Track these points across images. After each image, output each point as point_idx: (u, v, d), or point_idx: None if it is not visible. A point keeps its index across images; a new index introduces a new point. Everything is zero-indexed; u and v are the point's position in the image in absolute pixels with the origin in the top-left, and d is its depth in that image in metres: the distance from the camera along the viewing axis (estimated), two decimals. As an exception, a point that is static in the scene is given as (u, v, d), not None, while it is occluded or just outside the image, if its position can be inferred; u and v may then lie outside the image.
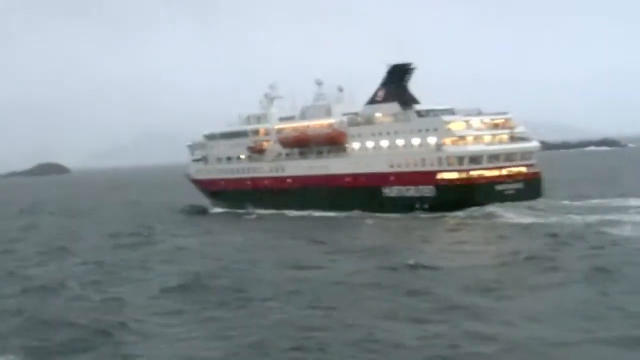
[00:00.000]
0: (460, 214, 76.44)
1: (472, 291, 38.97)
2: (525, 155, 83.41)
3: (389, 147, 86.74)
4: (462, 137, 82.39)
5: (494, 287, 39.72)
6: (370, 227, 75.39)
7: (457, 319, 33.01)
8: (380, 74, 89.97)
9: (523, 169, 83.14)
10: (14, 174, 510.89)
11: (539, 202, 78.75)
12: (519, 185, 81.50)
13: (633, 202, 75.33)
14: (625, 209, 70.69)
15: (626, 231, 56.91)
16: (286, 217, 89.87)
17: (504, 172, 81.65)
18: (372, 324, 32.80)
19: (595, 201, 79.80)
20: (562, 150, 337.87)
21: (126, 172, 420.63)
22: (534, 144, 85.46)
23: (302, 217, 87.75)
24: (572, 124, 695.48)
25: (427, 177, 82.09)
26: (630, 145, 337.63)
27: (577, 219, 66.69)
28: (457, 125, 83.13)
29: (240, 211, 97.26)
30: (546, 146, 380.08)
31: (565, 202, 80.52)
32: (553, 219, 68.16)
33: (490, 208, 76.26)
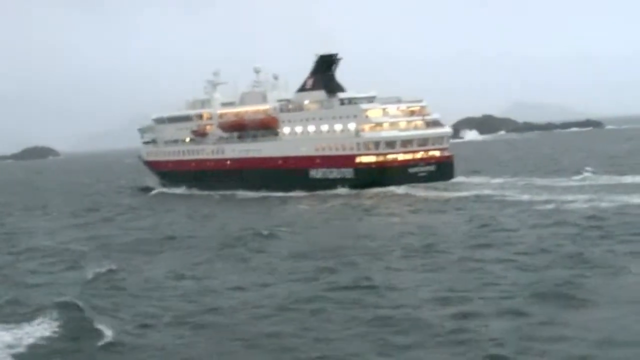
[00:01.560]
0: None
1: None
2: (437, 140, 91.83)
3: (315, 132, 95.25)
4: (379, 124, 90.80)
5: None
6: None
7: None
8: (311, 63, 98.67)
9: (436, 153, 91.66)
10: (2, 157, 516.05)
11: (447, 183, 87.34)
12: (431, 168, 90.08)
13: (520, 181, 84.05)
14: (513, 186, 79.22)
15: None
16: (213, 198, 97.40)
17: (418, 155, 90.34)
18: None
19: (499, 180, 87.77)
20: (544, 132, 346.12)
21: (117, 154, 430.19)
22: (446, 129, 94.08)
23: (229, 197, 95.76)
24: (567, 105, 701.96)
25: (347, 160, 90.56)
26: (608, 127, 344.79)
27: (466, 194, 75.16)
28: (374, 112, 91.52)
29: (179, 191, 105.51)
30: (530, 127, 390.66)
31: (476, 180, 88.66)
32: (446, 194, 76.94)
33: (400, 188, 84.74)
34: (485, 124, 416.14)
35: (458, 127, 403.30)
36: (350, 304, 32.62)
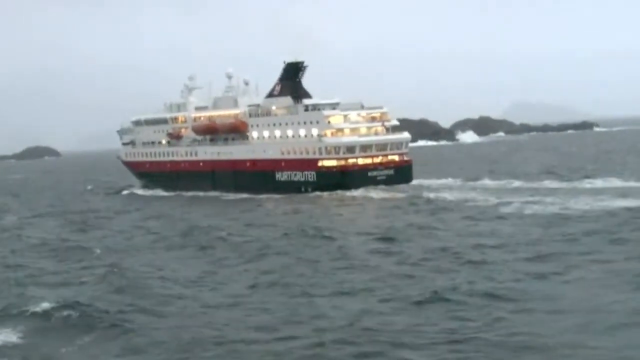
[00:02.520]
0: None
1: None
2: (396, 145, 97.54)
3: (281, 136, 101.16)
4: (340, 129, 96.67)
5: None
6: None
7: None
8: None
9: (395, 158, 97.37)
10: (3, 157, 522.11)
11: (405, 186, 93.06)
12: (390, 172, 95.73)
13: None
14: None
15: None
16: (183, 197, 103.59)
17: (377, 160, 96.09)
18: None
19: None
20: (538, 134, 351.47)
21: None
22: (404, 135, 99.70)
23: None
24: (567, 105, 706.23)
25: (310, 164, 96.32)
26: (597, 129, 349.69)
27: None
28: (336, 118, 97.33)
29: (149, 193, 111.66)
30: (527, 128, 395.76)
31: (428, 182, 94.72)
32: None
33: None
34: (483, 125, 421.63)
35: (454, 129, 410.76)
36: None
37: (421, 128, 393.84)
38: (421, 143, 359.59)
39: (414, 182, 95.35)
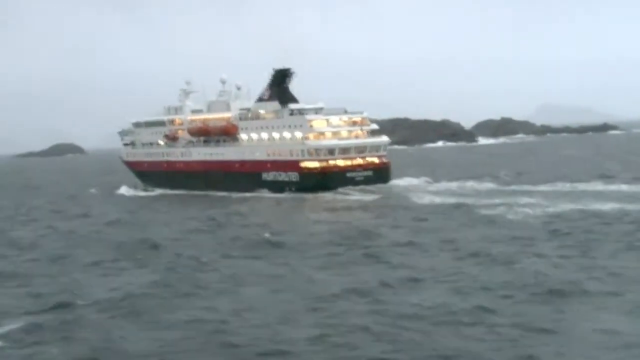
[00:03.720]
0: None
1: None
2: (374, 148, 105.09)
3: (268, 139, 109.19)
4: (322, 133, 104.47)
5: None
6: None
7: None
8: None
9: (375, 160, 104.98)
10: (31, 154, 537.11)
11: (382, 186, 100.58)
12: (369, 173, 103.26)
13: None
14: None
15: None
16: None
17: (356, 161, 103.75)
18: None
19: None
20: (558, 135, 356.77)
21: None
22: (383, 139, 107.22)
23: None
24: (594, 107, 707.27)
25: (293, 165, 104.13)
26: (613, 131, 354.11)
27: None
28: (318, 122, 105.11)
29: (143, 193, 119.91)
30: (547, 130, 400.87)
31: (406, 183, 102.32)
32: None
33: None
34: (504, 127, 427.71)
35: (475, 131, 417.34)
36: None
37: (442, 129, 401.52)
38: (439, 144, 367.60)
39: (392, 182, 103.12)
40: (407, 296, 38.31)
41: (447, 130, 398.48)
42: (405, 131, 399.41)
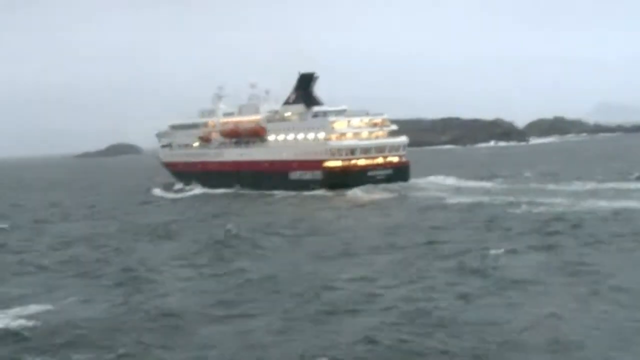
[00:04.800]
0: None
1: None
2: (394, 148, 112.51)
3: (294, 140, 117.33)
4: (344, 134, 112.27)
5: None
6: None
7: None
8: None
9: (394, 159, 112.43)
10: (87, 155, 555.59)
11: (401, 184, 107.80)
12: (389, 172, 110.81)
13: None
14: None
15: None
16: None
17: (377, 161, 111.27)
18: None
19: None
20: (614, 134, 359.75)
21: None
22: (402, 139, 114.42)
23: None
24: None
25: (317, 164, 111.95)
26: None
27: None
28: (340, 124, 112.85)
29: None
30: (599, 129, 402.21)
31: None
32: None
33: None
34: (556, 126, 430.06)
35: (528, 130, 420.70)
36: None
37: (493, 128, 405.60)
38: (491, 143, 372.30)
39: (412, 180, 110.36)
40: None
41: (498, 129, 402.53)
42: (456, 131, 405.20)
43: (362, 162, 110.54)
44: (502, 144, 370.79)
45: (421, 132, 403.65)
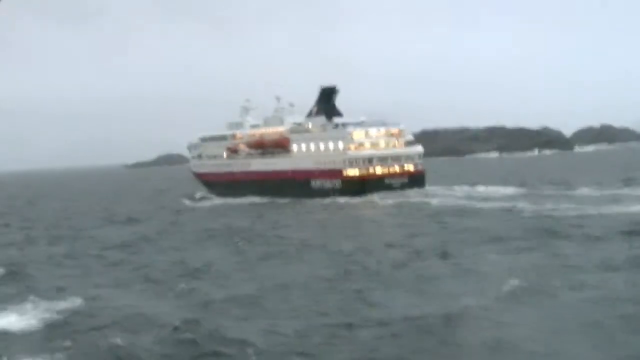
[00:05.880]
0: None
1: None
2: (410, 157, 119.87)
3: (315, 150, 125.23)
4: (362, 144, 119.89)
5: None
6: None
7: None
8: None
9: (410, 168, 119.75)
10: (138, 165, 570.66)
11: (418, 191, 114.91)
12: (404, 180, 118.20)
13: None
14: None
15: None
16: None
17: (393, 169, 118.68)
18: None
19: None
20: None
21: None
22: (418, 149, 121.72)
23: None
24: None
25: (337, 173, 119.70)
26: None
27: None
28: (358, 134, 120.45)
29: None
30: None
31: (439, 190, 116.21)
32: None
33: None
34: (603, 134, 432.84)
35: (574, 138, 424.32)
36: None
37: (538, 137, 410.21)
38: (535, 152, 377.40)
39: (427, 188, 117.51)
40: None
41: (543, 138, 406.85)
42: (501, 139, 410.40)
43: (379, 170, 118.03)
44: (546, 152, 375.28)
45: (466, 141, 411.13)
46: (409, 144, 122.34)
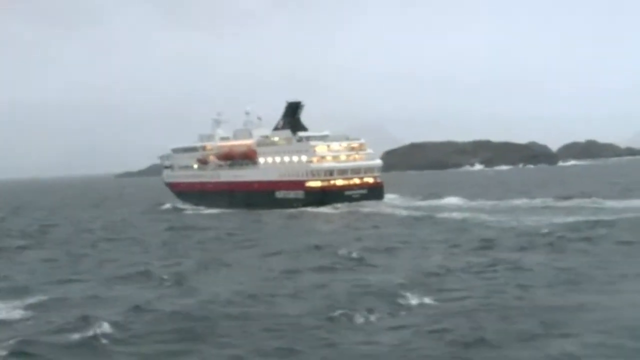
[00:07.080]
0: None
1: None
2: (369, 169, 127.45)
3: (280, 162, 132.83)
4: (324, 157, 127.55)
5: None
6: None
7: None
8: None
9: (370, 180, 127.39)
10: (128, 174, 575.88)
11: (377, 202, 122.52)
12: (364, 191, 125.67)
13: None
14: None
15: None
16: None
17: (353, 181, 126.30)
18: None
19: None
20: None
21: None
22: (377, 162, 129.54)
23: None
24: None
25: (300, 184, 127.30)
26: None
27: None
28: (320, 148, 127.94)
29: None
30: (631, 152, 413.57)
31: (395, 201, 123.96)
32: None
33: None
34: (588, 149, 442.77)
35: (560, 153, 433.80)
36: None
37: (524, 151, 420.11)
38: (519, 166, 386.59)
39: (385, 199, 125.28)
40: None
41: (529, 152, 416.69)
42: (487, 153, 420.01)
43: (339, 182, 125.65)
44: (530, 166, 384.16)
45: (452, 154, 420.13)
46: (369, 157, 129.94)
